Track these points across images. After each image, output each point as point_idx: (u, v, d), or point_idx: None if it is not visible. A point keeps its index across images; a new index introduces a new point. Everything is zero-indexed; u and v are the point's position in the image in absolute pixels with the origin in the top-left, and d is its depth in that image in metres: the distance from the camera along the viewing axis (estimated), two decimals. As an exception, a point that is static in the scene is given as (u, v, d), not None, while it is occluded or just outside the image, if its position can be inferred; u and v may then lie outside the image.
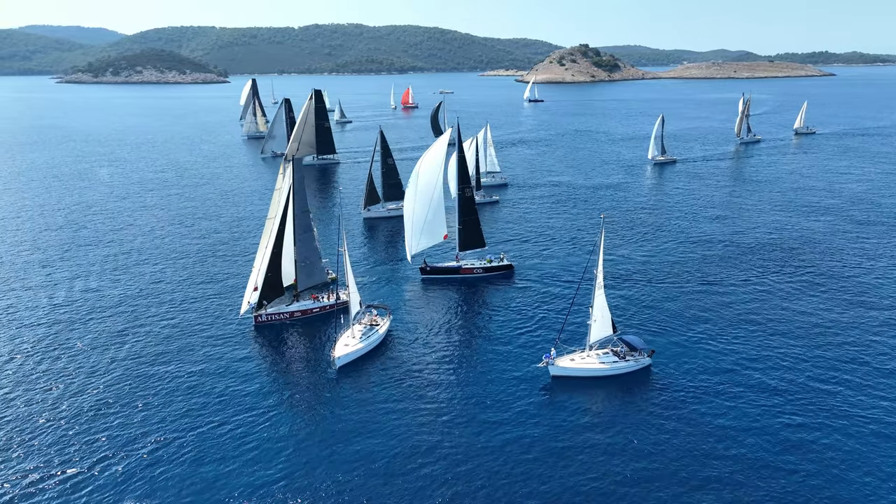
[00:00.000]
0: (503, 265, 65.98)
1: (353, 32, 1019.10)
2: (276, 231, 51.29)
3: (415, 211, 62.78)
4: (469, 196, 64.68)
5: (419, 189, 62.74)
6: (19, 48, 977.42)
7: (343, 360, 45.78)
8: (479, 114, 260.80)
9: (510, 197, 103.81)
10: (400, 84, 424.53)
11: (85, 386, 43.58)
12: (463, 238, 65.39)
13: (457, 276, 64.63)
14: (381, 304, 53.84)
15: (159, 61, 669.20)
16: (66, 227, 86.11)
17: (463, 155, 64.71)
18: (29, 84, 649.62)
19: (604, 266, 68.49)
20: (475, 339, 51.39)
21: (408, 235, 63.25)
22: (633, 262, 69.96)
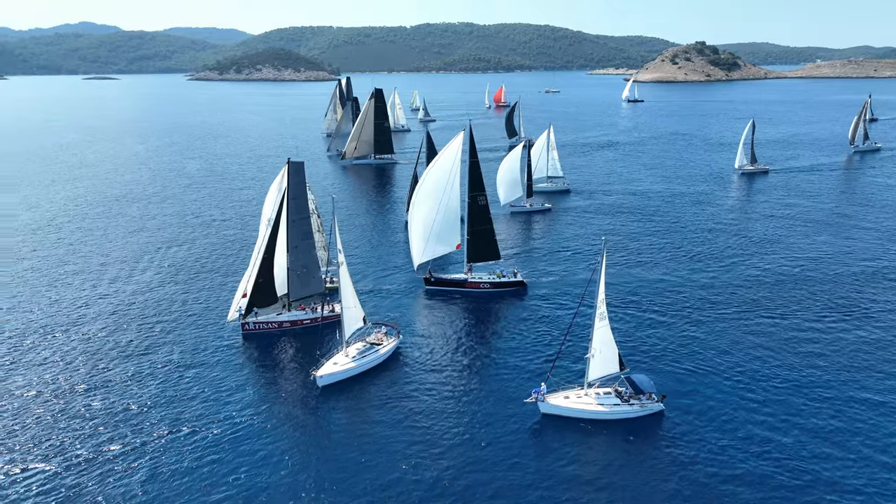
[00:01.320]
0: (514, 281, 60.94)
1: (463, 31, 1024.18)
2: (268, 236, 49.50)
3: (423, 217, 59.17)
4: (483, 204, 60.24)
5: (428, 193, 59.07)
6: (161, 49, 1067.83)
7: (326, 381, 43.03)
8: (572, 114, 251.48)
9: (568, 204, 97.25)
10: (501, 82, 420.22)
11: (58, 388, 43.81)
12: (472, 249, 61.06)
13: (462, 290, 60.43)
14: (392, 322, 50.27)
15: (277, 60, 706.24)
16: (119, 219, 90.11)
17: (476, 160, 60.24)
18: (165, 81, 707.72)
19: (649, 290, 62.65)
20: (473, 362, 47.14)
21: (414, 242, 59.80)
22: (682, 287, 62.31)
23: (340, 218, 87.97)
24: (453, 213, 59.90)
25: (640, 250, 73.71)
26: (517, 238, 79.49)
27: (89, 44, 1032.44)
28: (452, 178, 59.02)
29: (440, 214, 59.12)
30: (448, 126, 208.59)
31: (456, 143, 59.46)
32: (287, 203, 49.83)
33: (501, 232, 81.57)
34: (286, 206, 49.87)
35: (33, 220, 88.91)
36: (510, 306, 57.39)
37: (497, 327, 53.26)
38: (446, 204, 59.06)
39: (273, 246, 50.10)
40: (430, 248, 59.70)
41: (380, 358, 46.30)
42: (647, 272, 65.94)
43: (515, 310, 56.54)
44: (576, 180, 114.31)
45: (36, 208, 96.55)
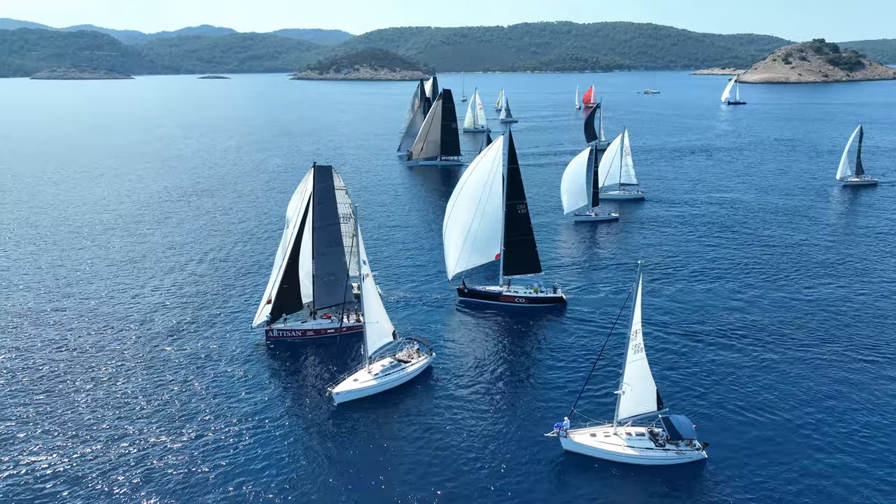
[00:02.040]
0: (552, 297, 56.71)
1: (561, 30, 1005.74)
2: (292, 241, 48.16)
3: (459, 225, 56.15)
4: (523, 213, 56.51)
5: (465, 201, 55.87)
6: (269, 49, 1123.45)
7: (343, 398, 41.08)
8: (666, 117, 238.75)
9: (639, 214, 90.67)
10: (597, 82, 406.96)
11: (77, 381, 44.40)
12: (508, 261, 57.42)
13: (496, 304, 56.81)
14: (424, 339, 47.46)
15: (374, 60, 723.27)
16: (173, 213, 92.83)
17: (516, 167, 56.37)
18: (269, 80, 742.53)
19: (711, 313, 56.06)
20: (496, 383, 43.84)
21: (449, 251, 56.87)
22: (752, 312, 55.60)
23: (383, 222, 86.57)
24: (492, 222, 56.52)
25: (711, 267, 66.86)
26: (573, 249, 74.57)
27: (206, 45, 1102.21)
28: (490, 186, 55.65)
29: (477, 223, 55.97)
30: (531, 128, 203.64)
31: (495, 148, 56.00)
32: (312, 208, 48.26)
33: (558, 242, 76.88)
34: (311, 211, 48.30)
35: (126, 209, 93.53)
36: (545, 325, 53.34)
37: (527, 347, 49.36)
38: (482, 212, 55.85)
39: (297, 252, 48.71)
40: (465, 257, 56.67)
41: (406, 377, 43.65)
42: (713, 292, 59.49)
43: (550, 329, 52.43)
44: (655, 188, 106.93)
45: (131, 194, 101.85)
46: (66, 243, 77.54)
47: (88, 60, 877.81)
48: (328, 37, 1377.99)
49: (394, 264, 68.88)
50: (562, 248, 74.52)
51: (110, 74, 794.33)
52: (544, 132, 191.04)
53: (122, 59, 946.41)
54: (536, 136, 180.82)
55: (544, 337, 51.16)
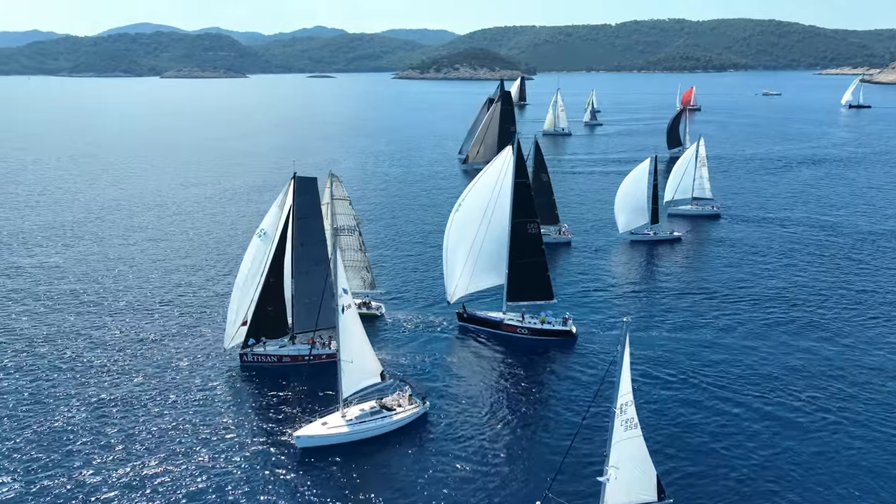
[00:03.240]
0: (559, 330, 49.59)
1: (672, 28, 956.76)
2: (270, 257, 44.12)
3: (462, 245, 50.40)
4: (533, 233, 49.94)
5: (468, 218, 49.96)
6: (375, 49, 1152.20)
7: (305, 443, 36.41)
8: (776, 121, 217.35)
9: (710, 234, 79.95)
10: (709, 82, 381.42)
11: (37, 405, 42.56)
12: (513, 286, 50.88)
13: (497, 333, 50.53)
14: (419, 385, 41.29)
15: (474, 59, 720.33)
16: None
17: (525, 181, 49.57)
18: (372, 79, 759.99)
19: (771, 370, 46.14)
20: (486, 437, 37.66)
21: (450, 272, 51.17)
22: (827, 371, 45.64)
23: (402, 230, 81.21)
24: (500, 242, 50.14)
25: (786, 309, 56.26)
26: (617, 275, 66.02)
27: (316, 46, 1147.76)
28: (496, 202, 49.48)
29: (481, 242, 49.96)
30: (621, 131, 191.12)
31: (500, 160, 49.59)
32: (293, 224, 43.99)
33: (602, 265, 68.48)
34: (291, 227, 44.04)
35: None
36: (549, 364, 46.59)
37: (525, 392, 42.66)
38: (486, 231, 49.86)
39: (280, 270, 44.64)
40: (467, 280, 50.86)
41: (387, 427, 37.97)
42: (792, 342, 49.59)
43: (553, 371, 45.61)
44: (737, 203, 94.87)
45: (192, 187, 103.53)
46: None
47: (211, 61, 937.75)
48: (434, 37, 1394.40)
49: (402, 279, 63.84)
50: (604, 273, 66.23)
51: (228, 73, 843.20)
52: (633, 136, 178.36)
53: (240, 59, 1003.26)
54: (621, 141, 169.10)
55: (545, 380, 44.33)
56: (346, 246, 57.09)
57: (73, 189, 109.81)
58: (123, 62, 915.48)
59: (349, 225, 56.54)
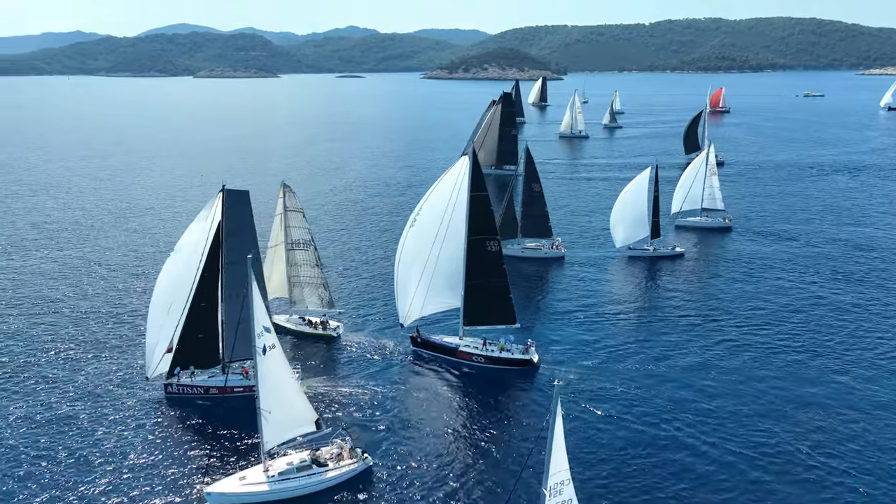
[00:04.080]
0: (518, 359, 44.65)
1: (708, 27, 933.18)
2: (198, 277, 39.84)
3: (416, 264, 45.94)
4: (493, 252, 45.03)
5: (422, 234, 45.44)
6: (406, 49, 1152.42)
7: (217, 501, 31.90)
8: (811, 125, 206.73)
9: (717, 249, 73.43)
10: (745, 82, 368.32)
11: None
12: (470, 309, 46.20)
13: (452, 360, 45.91)
14: (359, 436, 35.95)
15: (503, 59, 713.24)
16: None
17: (483, 195, 44.73)
18: (400, 78, 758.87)
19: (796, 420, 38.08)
20: (440, 493, 32.66)
21: (403, 293, 46.80)
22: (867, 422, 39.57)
23: (375, 244, 75.95)
24: (457, 261, 45.51)
25: (795, 340, 50.00)
26: (605, 294, 60.28)
27: (347, 46, 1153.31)
28: (450, 217, 44.83)
29: (439, 261, 45.64)
30: (644, 134, 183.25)
31: (454, 172, 44.79)
32: (221, 241, 39.65)
33: (591, 283, 62.74)
34: (222, 245, 39.71)
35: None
36: (505, 399, 41.85)
37: (473, 433, 37.67)
38: (441, 249, 45.43)
39: (212, 293, 40.35)
40: (420, 301, 46.57)
41: (317, 485, 32.99)
42: (780, 377, 43.54)
43: (506, 408, 40.82)
44: (753, 215, 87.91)
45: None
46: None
47: (243, 60, 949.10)
48: (465, 36, 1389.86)
49: (368, 296, 59.16)
50: (591, 293, 60.49)
51: (259, 73, 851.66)
52: (653, 140, 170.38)
53: (272, 59, 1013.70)
54: (640, 145, 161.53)
55: (501, 420, 39.30)
56: (302, 261, 52.96)
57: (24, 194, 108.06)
58: (159, 62, 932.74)
59: (304, 239, 52.42)
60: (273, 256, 53.30)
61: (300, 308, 53.56)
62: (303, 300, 53.56)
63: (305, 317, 53.23)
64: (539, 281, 64.52)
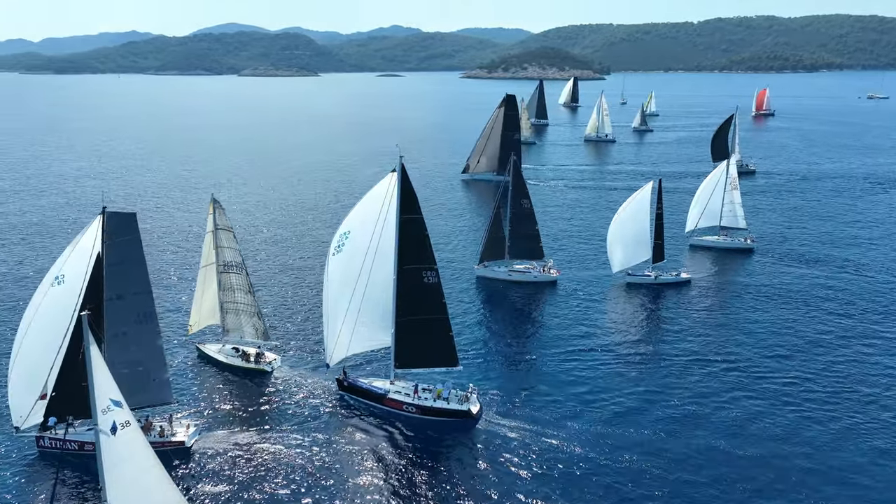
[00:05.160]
0: (455, 410, 37.69)
1: (760, 25, 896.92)
2: (74, 316, 33.96)
3: (342, 292, 39.90)
4: (430, 283, 38.24)
5: (347, 263, 39.01)
6: (448, 48, 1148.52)
7: None
8: (868, 130, 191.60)
9: (734, 276, 64.43)
10: (797, 83, 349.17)
11: None
12: (401, 348, 39.69)
13: (381, 408, 39.47)
14: None
15: (544, 58, 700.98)
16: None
17: (416, 217, 37.92)
18: (438, 78, 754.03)
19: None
20: None
21: (330, 328, 40.74)
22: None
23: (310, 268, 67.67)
24: (388, 293, 38.70)
25: (815, 395, 41.40)
26: (591, 328, 52.18)
27: (389, 45, 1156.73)
28: (378, 242, 38.07)
29: (366, 292, 38.89)
30: (673, 140, 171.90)
31: (381, 189, 38.03)
32: (103, 272, 33.67)
33: (578, 315, 54.77)
34: (103, 277, 33.73)
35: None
36: (431, 457, 34.83)
37: (407, 483, 30.68)
38: (369, 278, 38.59)
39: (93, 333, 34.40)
40: (346, 337, 40.35)
41: None
42: (793, 443, 35.26)
43: (432, 465, 33.81)
44: (788, 235, 78.07)
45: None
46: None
47: (286, 59, 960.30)
48: (508, 35, 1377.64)
49: (306, 328, 52.41)
50: (573, 325, 52.65)
51: (301, 72, 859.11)
52: (686, 146, 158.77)
53: (315, 58, 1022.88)
54: (670, 151, 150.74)
55: (431, 481, 32.16)
56: (237, 286, 47.02)
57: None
58: (205, 61, 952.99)
59: (236, 261, 46.55)
60: (204, 278, 47.65)
61: (234, 337, 47.74)
62: (238, 328, 47.66)
63: (240, 347, 47.35)
64: (520, 309, 57.09)
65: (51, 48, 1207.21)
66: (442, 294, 39.37)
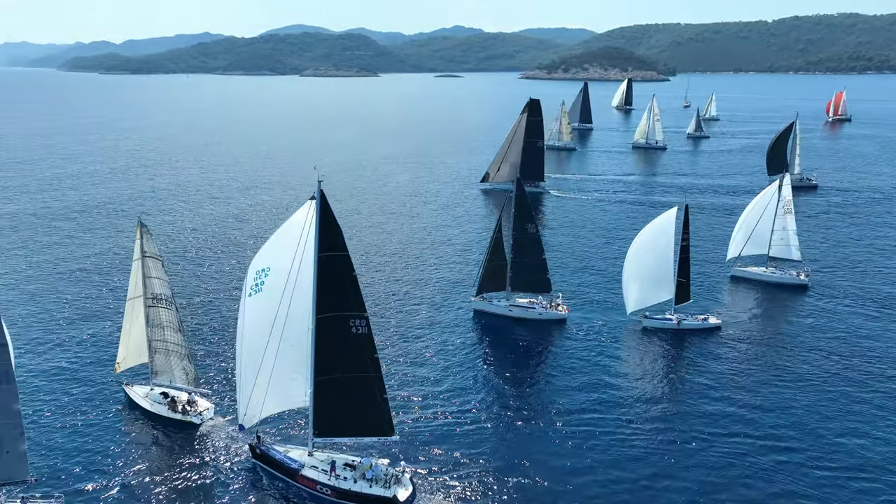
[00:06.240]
0: (379, 496, 29.93)
1: (842, 24, 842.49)
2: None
3: (256, 341, 32.94)
4: (360, 334, 31.01)
5: (267, 297, 32.42)
6: (508, 48, 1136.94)
7: None
8: None
9: (781, 320, 53.59)
10: (882, 86, 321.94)
11: None
12: (320, 414, 32.38)
13: (294, 485, 32.18)
14: None
15: (605, 59, 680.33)
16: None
17: (339, 255, 29.99)
18: (497, 78, 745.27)
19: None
20: None
21: (241, 384, 34.11)
22: None
23: None
24: (300, 345, 31.67)
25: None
26: (588, 382, 42.74)
27: (449, 45, 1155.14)
28: (295, 282, 30.72)
29: (282, 343, 31.96)
30: (731, 148, 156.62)
31: (300, 217, 30.99)
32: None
33: (577, 364, 45.52)
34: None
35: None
36: None
37: None
38: (284, 326, 31.27)
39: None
40: (260, 396, 33.35)
41: None
42: None
43: None
44: (852, 269, 65.91)
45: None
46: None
47: (348, 60, 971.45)
48: (571, 35, 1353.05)
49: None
50: (574, 379, 43.43)
51: (360, 73, 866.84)
52: (745, 155, 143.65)
53: (376, 58, 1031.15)
54: (725, 161, 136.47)
55: None
56: (166, 322, 40.50)
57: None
58: (270, 61, 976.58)
59: (165, 294, 39.98)
60: (132, 311, 41.46)
61: (164, 380, 41.24)
62: (168, 371, 41.19)
63: (169, 392, 40.83)
64: (517, 353, 48.40)
65: (131, 50, 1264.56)
66: (373, 347, 31.53)
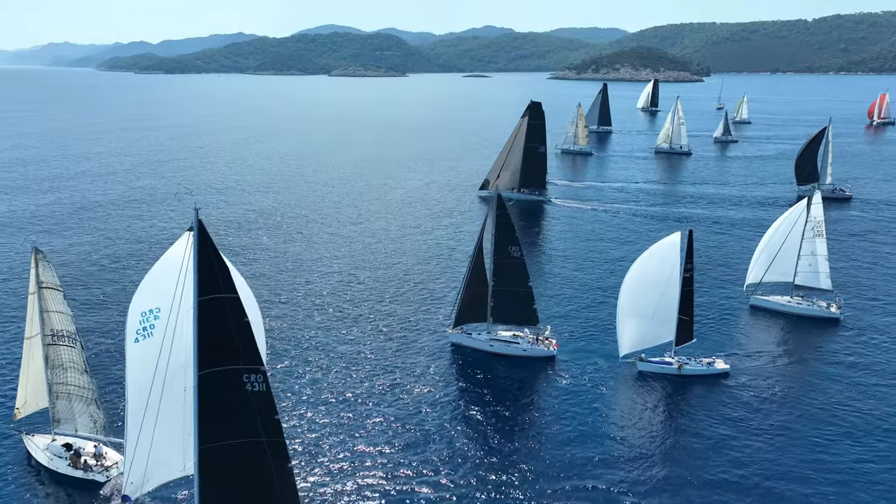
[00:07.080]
0: None
1: (887, 22, 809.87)
2: None
3: (139, 397, 27.77)
4: (254, 392, 24.58)
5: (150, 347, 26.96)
6: (538, 48, 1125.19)
7: None
8: None
9: (805, 362, 45.69)
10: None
11: None
12: (207, 489, 26.03)
13: None
14: None
15: (637, 59, 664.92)
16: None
17: (224, 297, 24.43)
18: (524, 79, 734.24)
19: None
20: None
21: (127, 448, 28.61)
22: None
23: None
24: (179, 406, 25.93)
25: None
26: (587, 438, 35.61)
27: (479, 45, 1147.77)
28: (173, 332, 25.11)
29: (163, 404, 26.28)
30: (762, 154, 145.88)
31: (175, 255, 25.13)
32: None
33: (563, 418, 38.52)
34: None
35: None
36: None
37: None
38: (162, 385, 25.74)
39: None
40: (142, 464, 28.17)
41: None
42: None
43: None
44: (890, 298, 57.44)
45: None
46: None
47: (377, 60, 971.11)
48: (604, 35, 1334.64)
49: None
50: (559, 431, 36.51)
51: (388, 73, 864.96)
52: (776, 162, 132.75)
53: (405, 58, 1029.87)
54: (754, 168, 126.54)
55: None
56: (68, 362, 34.98)
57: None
58: (300, 61, 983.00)
59: (68, 331, 34.34)
60: (29, 352, 35.84)
61: (67, 429, 35.70)
62: (71, 418, 35.62)
63: (73, 444, 35.28)
64: (496, 396, 41.66)
65: (166, 50, 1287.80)
66: (274, 408, 25.15)
